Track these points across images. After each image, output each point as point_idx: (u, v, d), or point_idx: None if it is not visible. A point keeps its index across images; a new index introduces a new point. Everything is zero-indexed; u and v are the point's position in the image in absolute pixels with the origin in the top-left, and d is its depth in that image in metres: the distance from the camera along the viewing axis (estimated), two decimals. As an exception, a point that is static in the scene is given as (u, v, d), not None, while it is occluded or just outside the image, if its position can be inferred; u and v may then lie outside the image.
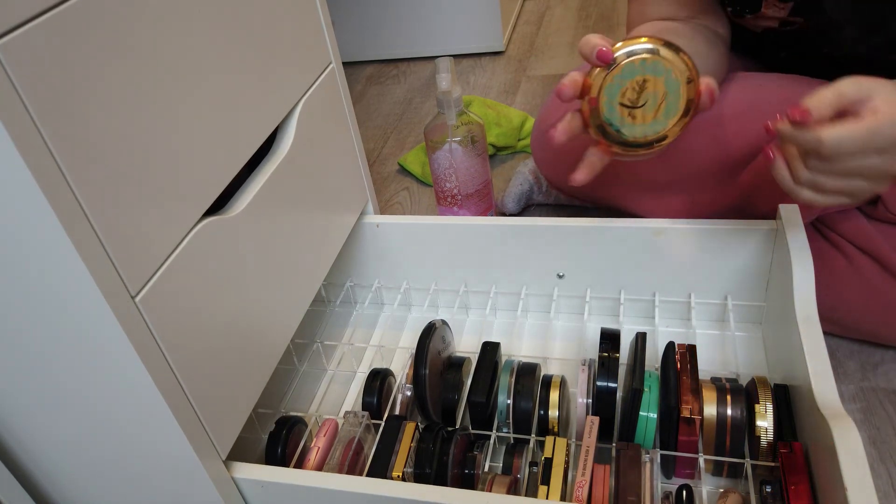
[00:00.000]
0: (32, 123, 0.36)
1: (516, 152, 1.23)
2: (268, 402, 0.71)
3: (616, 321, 0.76)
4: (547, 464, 0.58)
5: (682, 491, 0.56)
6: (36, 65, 0.36)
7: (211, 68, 0.51)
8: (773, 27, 0.71)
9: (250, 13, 0.56)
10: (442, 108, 0.89)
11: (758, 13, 0.69)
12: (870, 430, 0.68)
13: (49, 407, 0.50)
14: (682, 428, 0.59)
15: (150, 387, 0.46)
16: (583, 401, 0.63)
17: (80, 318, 0.42)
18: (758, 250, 0.71)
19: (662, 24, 0.74)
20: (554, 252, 0.78)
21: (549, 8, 1.82)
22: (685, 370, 0.62)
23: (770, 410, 0.58)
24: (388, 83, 1.58)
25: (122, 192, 0.43)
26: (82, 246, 0.39)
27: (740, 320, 0.77)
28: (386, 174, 1.25)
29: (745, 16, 0.71)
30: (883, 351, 0.75)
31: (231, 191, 0.57)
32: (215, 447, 0.53)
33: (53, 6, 0.37)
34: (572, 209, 1.04)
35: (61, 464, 0.56)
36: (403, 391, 0.70)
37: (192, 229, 0.50)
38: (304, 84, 0.66)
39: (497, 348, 0.70)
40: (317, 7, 0.68)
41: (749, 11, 0.70)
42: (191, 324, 0.50)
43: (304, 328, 0.76)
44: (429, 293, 0.85)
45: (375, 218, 0.82)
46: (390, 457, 0.60)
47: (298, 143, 0.64)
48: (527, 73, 1.51)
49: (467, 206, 0.96)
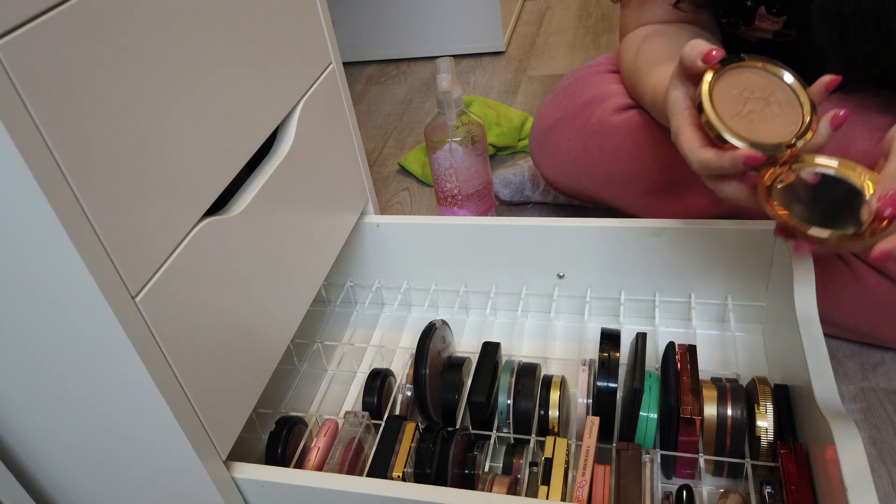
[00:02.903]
0: (32, 123, 0.36)
1: (516, 152, 1.23)
2: (268, 402, 0.70)
3: (616, 321, 0.75)
4: (547, 464, 0.58)
5: (683, 491, 0.56)
6: (36, 65, 0.36)
7: (211, 68, 0.51)
8: (767, 38, 0.71)
9: (250, 13, 0.56)
10: (442, 109, 0.89)
11: (752, 25, 0.70)
12: (870, 430, 0.68)
13: (49, 407, 0.50)
14: (683, 428, 0.59)
15: (150, 387, 0.46)
16: (583, 401, 0.63)
17: (80, 318, 0.42)
18: (758, 250, 0.71)
19: (662, 26, 0.74)
20: (554, 252, 0.78)
21: (549, 8, 1.82)
22: (685, 370, 0.62)
23: (770, 410, 0.58)
24: (388, 83, 1.58)
25: (123, 192, 0.43)
26: (82, 246, 0.39)
27: (740, 320, 0.77)
28: (386, 174, 1.25)
29: (739, 27, 0.71)
30: (883, 352, 0.75)
31: (231, 191, 0.57)
32: (215, 447, 0.53)
33: (53, 6, 0.37)
34: (572, 209, 1.04)
35: (61, 464, 0.56)
36: (404, 391, 0.70)
37: (192, 229, 0.50)
38: (305, 84, 0.66)
39: (497, 348, 0.70)
40: (317, 7, 0.68)
41: (743, 23, 0.70)
42: (191, 324, 0.49)
43: (305, 328, 0.76)
44: (429, 293, 0.85)
45: (375, 218, 0.82)
46: (390, 457, 0.60)
47: (299, 144, 0.64)
48: (527, 73, 1.51)
49: (467, 206, 0.96)
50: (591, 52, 1.55)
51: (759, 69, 0.52)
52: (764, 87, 0.53)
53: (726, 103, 0.52)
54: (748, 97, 0.52)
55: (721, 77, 0.52)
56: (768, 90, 0.52)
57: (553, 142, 0.89)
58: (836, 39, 0.59)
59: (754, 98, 0.52)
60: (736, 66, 0.52)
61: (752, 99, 0.52)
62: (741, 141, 0.51)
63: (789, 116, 0.52)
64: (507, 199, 1.06)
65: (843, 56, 0.61)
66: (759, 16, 0.68)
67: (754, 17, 0.68)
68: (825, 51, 0.62)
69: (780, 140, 0.51)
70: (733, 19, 0.71)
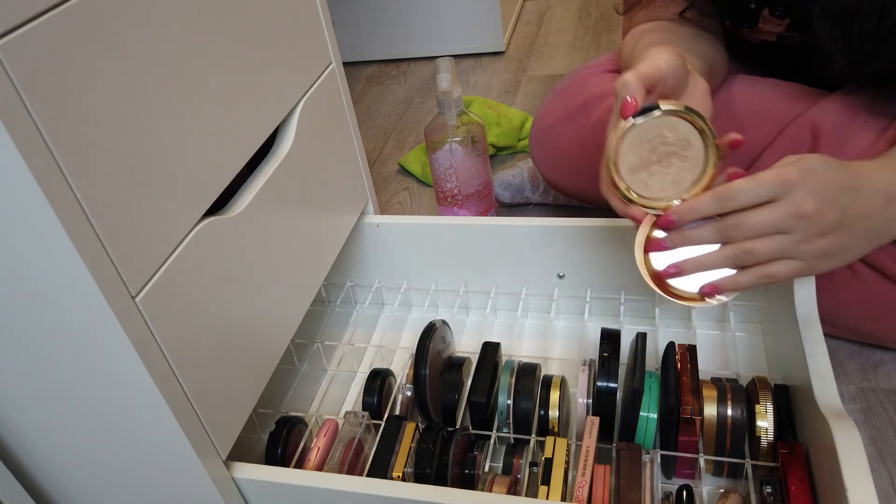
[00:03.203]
0: (32, 123, 0.36)
1: (516, 152, 1.23)
2: (268, 402, 0.70)
3: (616, 321, 0.75)
4: (547, 464, 0.58)
5: (683, 491, 0.56)
6: (36, 65, 0.36)
7: (211, 68, 0.51)
8: (770, 41, 0.71)
9: (250, 13, 0.56)
10: (442, 109, 0.89)
11: (755, 28, 0.69)
12: (870, 430, 0.68)
13: (49, 407, 0.50)
14: (683, 428, 0.59)
15: (150, 387, 0.46)
16: (583, 401, 0.63)
17: (80, 318, 0.42)
18: (758, 250, 0.71)
19: (665, 22, 0.74)
20: (554, 252, 0.78)
21: (549, 8, 1.82)
22: (685, 370, 0.62)
23: (770, 411, 0.58)
24: (388, 83, 1.58)
25: (123, 191, 0.43)
26: (82, 246, 0.39)
27: (740, 320, 0.77)
28: (386, 174, 1.25)
29: (742, 29, 0.71)
30: (883, 352, 0.75)
31: (231, 191, 0.57)
32: (215, 447, 0.53)
33: (53, 6, 0.37)
34: (572, 209, 1.04)
35: (61, 464, 0.56)
36: (404, 391, 0.70)
37: (192, 229, 0.50)
38: (305, 84, 0.66)
39: (497, 348, 0.70)
40: (317, 7, 0.68)
41: (747, 25, 0.70)
42: (191, 324, 0.49)
43: (305, 328, 0.76)
44: (429, 293, 0.85)
45: (375, 218, 0.82)
46: (390, 457, 0.60)
47: (299, 144, 0.64)
48: (527, 73, 1.51)
49: (467, 206, 0.96)
50: (591, 52, 1.55)
51: (678, 118, 0.53)
52: (677, 136, 0.54)
53: (632, 154, 0.54)
54: (656, 147, 0.54)
55: (638, 126, 0.53)
56: (680, 140, 0.54)
57: (552, 141, 0.89)
58: (838, 37, 0.59)
59: (661, 150, 0.54)
60: (655, 116, 0.53)
61: (659, 149, 0.54)
62: (630, 196, 0.54)
63: (693, 168, 0.54)
64: (508, 201, 1.06)
65: (845, 54, 0.61)
66: (762, 18, 0.68)
67: (758, 19, 0.68)
68: (828, 50, 0.62)
69: (668, 196, 0.54)
70: (737, 22, 0.71)
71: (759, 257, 0.50)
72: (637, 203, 0.54)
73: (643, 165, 0.54)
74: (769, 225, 0.49)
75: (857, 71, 0.62)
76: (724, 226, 0.50)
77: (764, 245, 0.49)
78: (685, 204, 0.52)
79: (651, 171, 0.54)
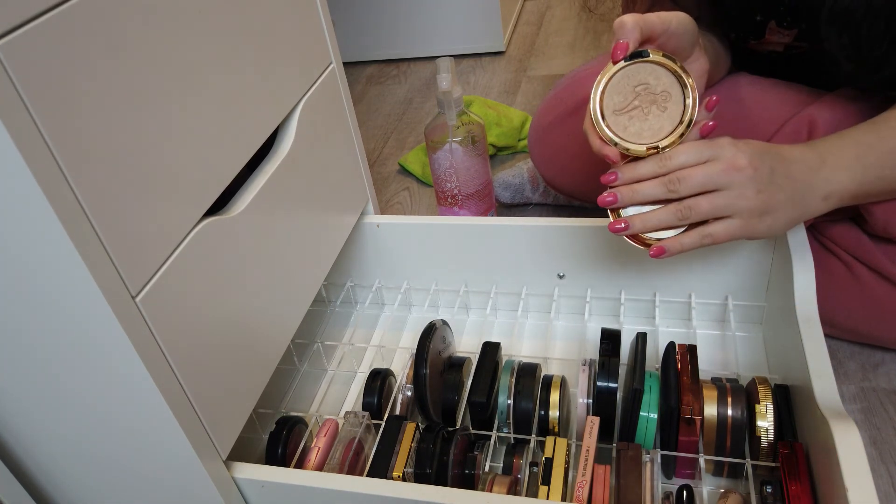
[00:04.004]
0: (32, 123, 0.36)
1: (516, 152, 1.23)
2: (268, 402, 0.70)
3: (616, 321, 0.75)
4: (547, 464, 0.58)
5: (683, 491, 0.56)
6: (36, 65, 0.36)
7: (211, 68, 0.51)
8: (778, 51, 0.71)
9: (251, 13, 0.56)
10: (442, 109, 0.89)
11: (762, 39, 0.69)
12: (870, 430, 0.68)
13: (49, 407, 0.50)
14: (683, 428, 0.59)
15: (150, 387, 0.46)
16: (583, 401, 0.63)
17: (80, 318, 0.42)
18: (758, 250, 0.71)
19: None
20: (554, 252, 0.78)
21: (549, 8, 1.82)
22: (685, 370, 0.62)
23: (770, 410, 0.58)
24: (388, 83, 1.58)
25: (123, 192, 0.43)
26: (82, 246, 0.39)
27: (741, 320, 0.77)
28: (386, 174, 1.25)
29: (749, 42, 0.71)
30: (883, 352, 0.75)
31: (231, 191, 0.57)
32: (215, 447, 0.53)
33: (53, 6, 0.37)
34: (572, 209, 1.04)
35: (62, 464, 0.56)
36: (404, 391, 0.70)
37: (192, 229, 0.50)
38: (305, 84, 0.66)
39: (497, 348, 0.70)
40: (317, 7, 0.68)
41: (753, 38, 0.70)
42: (191, 324, 0.49)
43: (305, 328, 0.76)
44: (429, 293, 0.85)
45: (375, 218, 0.82)
46: (391, 457, 0.60)
47: (299, 144, 0.64)
48: (527, 73, 1.51)
49: (468, 206, 0.96)
50: (591, 52, 1.55)
51: (662, 66, 0.55)
52: (661, 84, 0.56)
53: (617, 96, 0.56)
54: (640, 92, 0.56)
55: (624, 69, 0.56)
56: (663, 88, 0.56)
57: (550, 139, 0.89)
58: (846, 43, 0.59)
59: (644, 94, 0.56)
60: (641, 62, 0.55)
61: (642, 95, 0.56)
62: (609, 136, 0.56)
63: (670, 120, 0.56)
64: (508, 201, 1.06)
65: (854, 60, 0.60)
66: (769, 30, 0.68)
67: (764, 31, 0.68)
68: (835, 57, 0.62)
69: (643, 142, 0.56)
70: (743, 34, 0.71)
71: (700, 213, 0.54)
72: (615, 143, 0.56)
73: (625, 108, 0.56)
74: (708, 179, 0.54)
75: (866, 77, 0.62)
76: (667, 179, 0.55)
77: (705, 201, 0.54)
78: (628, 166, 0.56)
79: (631, 115, 0.56)
